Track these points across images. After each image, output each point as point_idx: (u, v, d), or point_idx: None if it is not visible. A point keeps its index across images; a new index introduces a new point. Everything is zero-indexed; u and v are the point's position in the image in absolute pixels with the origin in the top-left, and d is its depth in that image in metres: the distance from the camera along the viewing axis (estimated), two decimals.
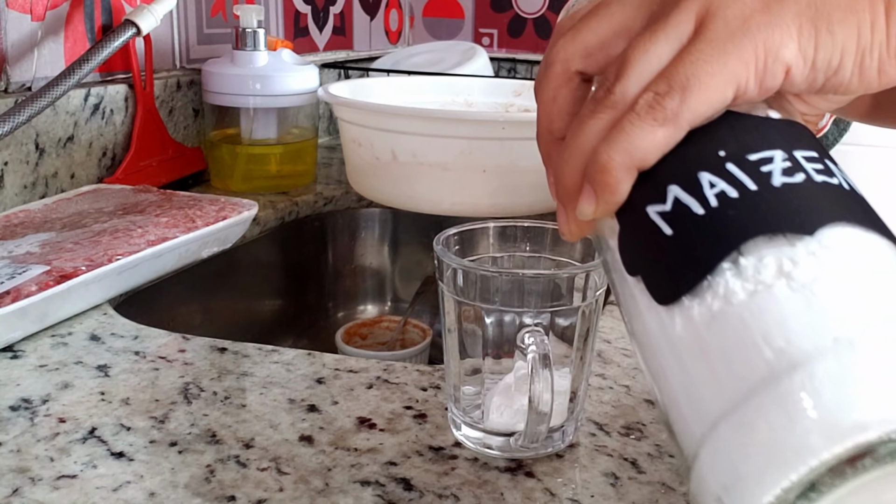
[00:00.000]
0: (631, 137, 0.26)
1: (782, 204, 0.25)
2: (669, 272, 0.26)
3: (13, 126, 0.66)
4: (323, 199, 0.96)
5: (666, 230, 0.26)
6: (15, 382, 0.48)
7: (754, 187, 0.25)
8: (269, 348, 0.53)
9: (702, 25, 0.27)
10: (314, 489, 0.38)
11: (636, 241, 0.28)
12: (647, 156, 0.27)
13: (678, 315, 0.26)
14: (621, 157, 0.27)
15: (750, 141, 0.27)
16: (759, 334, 0.23)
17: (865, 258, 0.25)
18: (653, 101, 0.26)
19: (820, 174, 0.26)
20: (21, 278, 0.52)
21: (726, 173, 0.26)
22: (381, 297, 1.03)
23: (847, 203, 0.26)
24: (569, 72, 0.30)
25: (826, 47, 0.26)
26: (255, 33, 0.89)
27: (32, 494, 0.38)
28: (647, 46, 0.27)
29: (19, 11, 0.74)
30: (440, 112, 0.79)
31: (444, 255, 0.41)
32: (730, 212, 0.25)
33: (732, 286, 0.24)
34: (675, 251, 0.26)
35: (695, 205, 0.26)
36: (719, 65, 0.26)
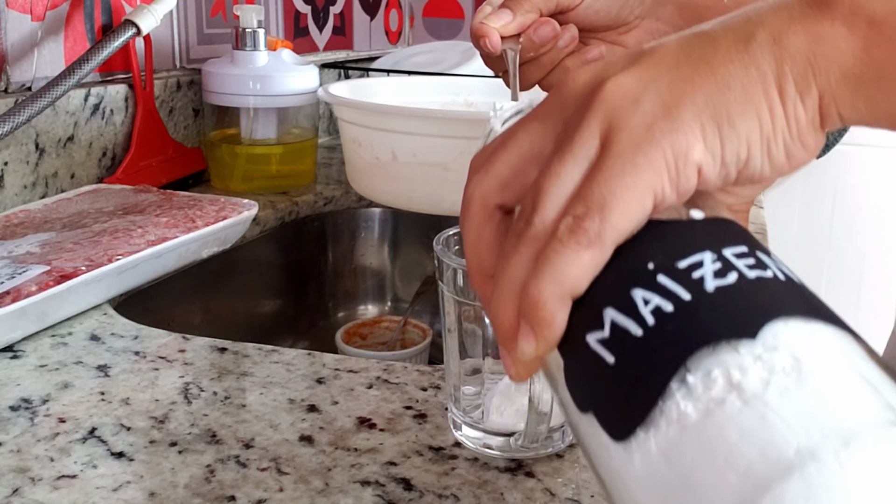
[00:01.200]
0: (557, 266, 0.26)
1: (719, 309, 0.24)
2: (618, 404, 0.25)
3: (13, 126, 0.66)
4: (323, 199, 0.96)
5: (608, 358, 0.25)
6: (15, 382, 0.48)
7: (688, 297, 0.24)
8: (269, 348, 0.53)
9: (608, 141, 0.26)
10: (314, 489, 0.38)
11: (581, 375, 0.26)
12: (578, 282, 0.26)
13: (636, 450, 0.24)
14: (551, 288, 0.26)
15: (676, 248, 0.26)
16: (720, 458, 0.22)
17: (814, 351, 0.23)
18: (573, 224, 0.26)
19: (753, 269, 0.25)
20: (21, 278, 0.52)
21: (658, 286, 0.25)
22: (381, 297, 1.03)
23: (785, 295, 0.25)
24: (488, 208, 0.29)
25: (731, 141, 0.26)
26: (255, 33, 0.89)
27: (32, 494, 0.38)
28: (557, 171, 0.27)
29: (19, 11, 0.74)
30: (440, 112, 0.79)
31: (444, 255, 0.41)
32: (668, 327, 0.24)
33: (684, 408, 0.23)
34: (620, 380, 0.25)
35: (632, 326, 0.24)
36: (632, 177, 0.25)
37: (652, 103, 0.26)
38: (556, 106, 0.28)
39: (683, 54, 0.27)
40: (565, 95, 0.28)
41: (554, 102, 0.29)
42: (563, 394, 0.28)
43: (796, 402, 0.22)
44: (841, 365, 0.23)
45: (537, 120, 0.29)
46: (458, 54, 1.23)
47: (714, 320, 0.24)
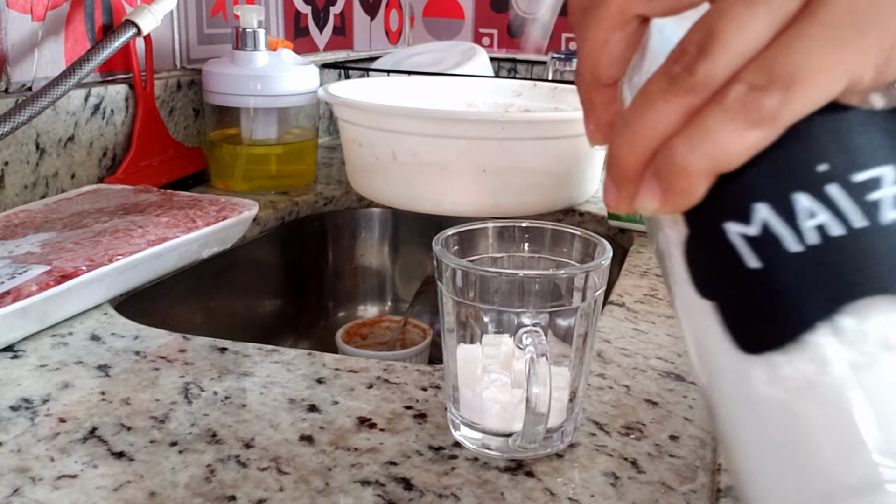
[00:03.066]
0: (716, 139, 0.22)
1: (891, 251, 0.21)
2: (756, 316, 0.22)
3: (14, 126, 0.66)
4: (323, 199, 0.96)
5: (751, 261, 0.22)
6: (15, 382, 0.48)
7: (861, 224, 0.21)
8: (270, 348, 0.53)
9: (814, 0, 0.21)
10: (314, 489, 0.39)
11: (711, 260, 0.23)
12: (734, 161, 0.22)
13: (761, 369, 0.22)
14: (702, 162, 0.22)
15: (855, 152, 0.22)
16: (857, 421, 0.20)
17: None
18: (748, 96, 0.21)
19: None
20: (21, 278, 0.52)
21: (827, 199, 0.21)
22: (382, 297, 1.03)
23: None
24: (627, 14, 0.25)
25: None
26: (255, 33, 0.89)
27: (33, 494, 0.38)
28: (741, 16, 0.22)
29: (20, 11, 0.74)
30: (440, 112, 0.79)
31: (444, 255, 0.41)
32: (833, 256, 0.21)
33: (829, 353, 0.20)
34: (763, 292, 0.22)
35: (789, 238, 0.21)
36: (835, 57, 0.21)
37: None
38: None
39: None
40: None
41: None
42: (672, 262, 0.25)
43: None
44: None
45: None
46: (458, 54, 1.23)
47: (883, 266, 0.21)
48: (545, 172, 0.80)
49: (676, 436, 0.44)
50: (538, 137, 0.79)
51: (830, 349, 0.20)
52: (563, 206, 0.85)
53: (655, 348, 0.55)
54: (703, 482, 0.40)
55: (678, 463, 0.41)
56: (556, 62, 1.25)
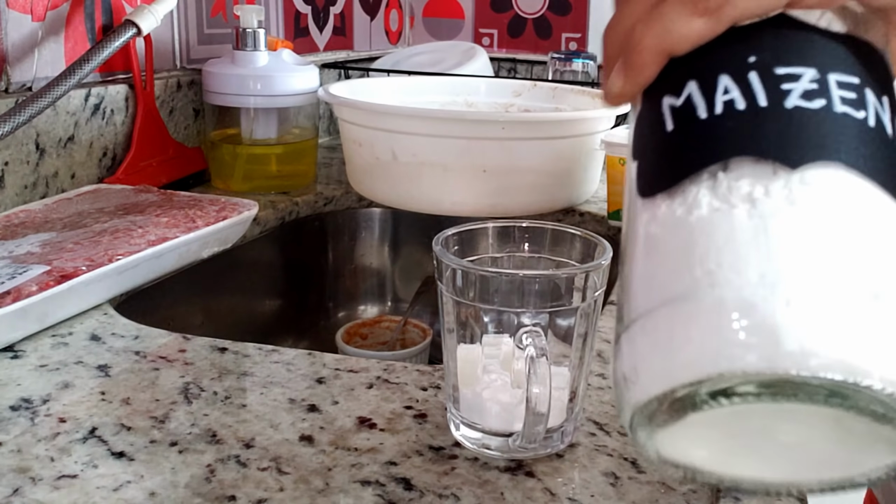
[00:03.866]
0: (666, 22, 0.25)
1: (783, 128, 0.24)
2: (655, 167, 0.26)
3: (14, 126, 0.66)
4: (323, 199, 0.96)
5: (668, 125, 0.26)
6: (15, 382, 0.48)
7: (764, 103, 0.24)
8: (270, 348, 0.53)
9: None
10: (314, 489, 0.39)
11: (643, 127, 0.28)
12: (679, 44, 0.26)
13: (649, 209, 0.26)
14: (652, 41, 0.26)
15: (785, 52, 0.25)
16: (699, 251, 0.23)
17: (844, 208, 0.23)
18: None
19: (846, 104, 0.24)
20: (21, 278, 0.52)
21: (745, 82, 0.25)
22: (382, 297, 1.03)
23: (858, 142, 0.24)
24: None
25: None
26: (255, 33, 0.89)
27: (33, 494, 0.38)
28: None
29: (20, 12, 0.74)
30: (440, 112, 0.79)
31: (444, 255, 0.41)
32: (729, 123, 0.24)
33: (700, 197, 0.24)
34: (667, 147, 0.26)
35: (701, 107, 0.25)
36: None
37: None
38: None
39: None
40: None
41: None
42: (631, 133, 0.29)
43: (792, 241, 0.23)
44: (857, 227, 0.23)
45: None
46: (458, 54, 1.23)
47: (771, 136, 0.24)
48: (545, 172, 0.80)
49: None
50: (538, 137, 0.79)
51: (700, 195, 0.24)
52: (563, 206, 0.85)
53: None
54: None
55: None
56: (556, 62, 1.25)
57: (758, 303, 0.22)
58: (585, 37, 1.50)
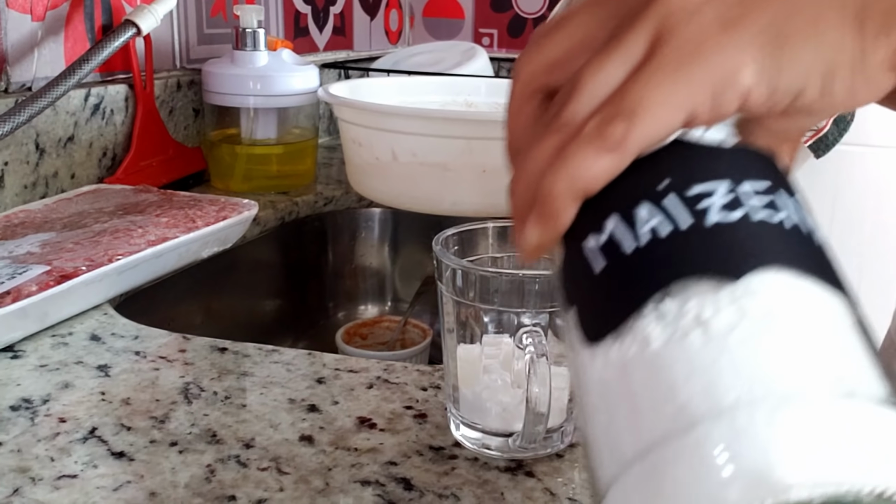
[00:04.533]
0: (575, 164, 0.25)
1: (712, 245, 0.24)
2: (595, 310, 0.25)
3: (13, 126, 0.66)
4: (323, 199, 0.96)
5: (596, 265, 0.25)
6: (15, 382, 0.48)
7: (687, 225, 0.24)
8: (270, 348, 0.53)
9: (655, 46, 0.25)
10: (314, 489, 0.39)
11: (573, 271, 0.27)
12: (591, 184, 0.25)
13: (600, 355, 0.24)
14: (564, 185, 0.25)
15: (695, 171, 0.25)
16: (665, 386, 0.22)
17: (791, 307, 0.23)
18: (599, 125, 0.25)
19: (763, 210, 0.24)
20: (21, 278, 0.52)
21: (663, 207, 0.25)
22: (382, 297, 1.03)
23: (785, 243, 0.24)
24: (531, 86, 0.29)
25: (788, 70, 0.25)
26: (255, 33, 0.89)
27: (33, 494, 0.38)
28: (598, 66, 0.26)
29: (19, 11, 0.74)
30: (440, 112, 0.79)
31: (444, 255, 0.41)
32: (658, 251, 0.24)
33: (651, 331, 0.23)
34: (602, 288, 0.25)
35: (627, 241, 0.25)
36: (669, 91, 0.25)
37: (711, 17, 0.25)
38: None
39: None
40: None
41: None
42: (559, 283, 0.28)
43: (753, 353, 0.22)
44: (813, 326, 0.23)
45: (597, 6, 0.28)
46: (458, 54, 1.23)
47: (706, 254, 0.24)
48: None
49: None
50: None
51: (650, 330, 0.23)
52: None
53: None
54: None
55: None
56: None
57: (739, 430, 0.21)
58: None
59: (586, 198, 0.26)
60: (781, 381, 0.21)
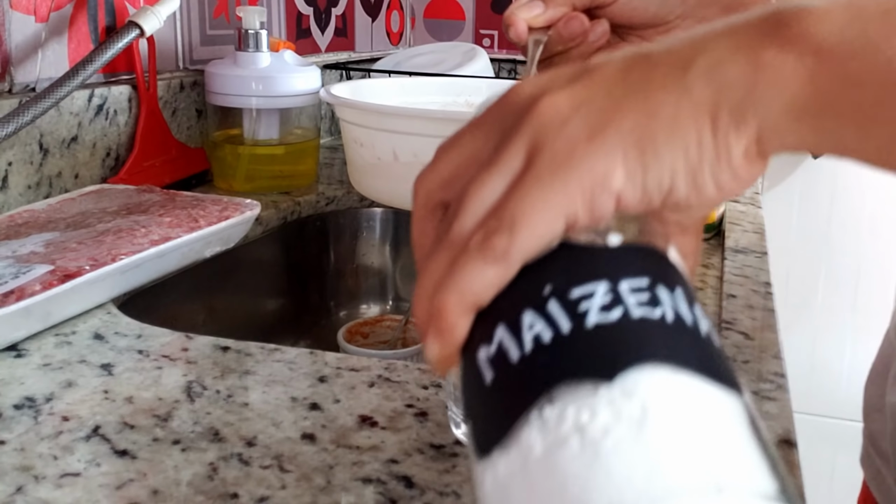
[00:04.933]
0: (463, 277, 0.26)
1: (592, 346, 0.23)
2: (485, 422, 0.25)
3: (17, 126, 0.66)
4: (325, 198, 0.96)
5: (487, 376, 0.25)
6: (19, 381, 0.48)
7: (567, 329, 0.24)
8: (272, 347, 0.53)
9: (531, 159, 0.26)
10: (316, 487, 0.39)
11: (468, 384, 0.26)
12: (480, 295, 0.26)
13: (488, 469, 0.24)
14: (454, 298, 0.26)
15: (576, 274, 0.25)
16: (545, 495, 0.22)
17: (666, 405, 0.22)
18: (483, 239, 0.26)
19: (641, 307, 0.24)
20: (25, 278, 0.52)
21: (545, 313, 0.25)
22: (383, 297, 1.04)
23: (664, 340, 0.24)
24: (430, 203, 0.30)
25: (654, 170, 0.26)
26: (257, 34, 0.90)
27: (36, 492, 0.38)
28: (481, 181, 0.27)
29: (23, 13, 0.74)
30: (441, 113, 0.79)
31: None
32: (540, 358, 0.24)
33: (533, 440, 0.23)
34: (490, 400, 0.25)
35: (512, 349, 0.24)
36: (544, 200, 0.25)
37: (579, 126, 0.26)
38: (501, 113, 0.28)
39: (620, 77, 0.27)
40: (509, 104, 0.28)
41: (500, 109, 0.29)
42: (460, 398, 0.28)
43: (626, 456, 0.21)
44: (688, 424, 0.22)
45: (484, 124, 0.29)
46: (459, 55, 1.23)
47: (584, 357, 0.23)
48: None
49: None
50: None
51: (532, 439, 0.23)
52: None
53: None
54: None
55: None
56: None
57: None
58: None
59: (478, 310, 0.26)
60: (652, 484, 0.21)
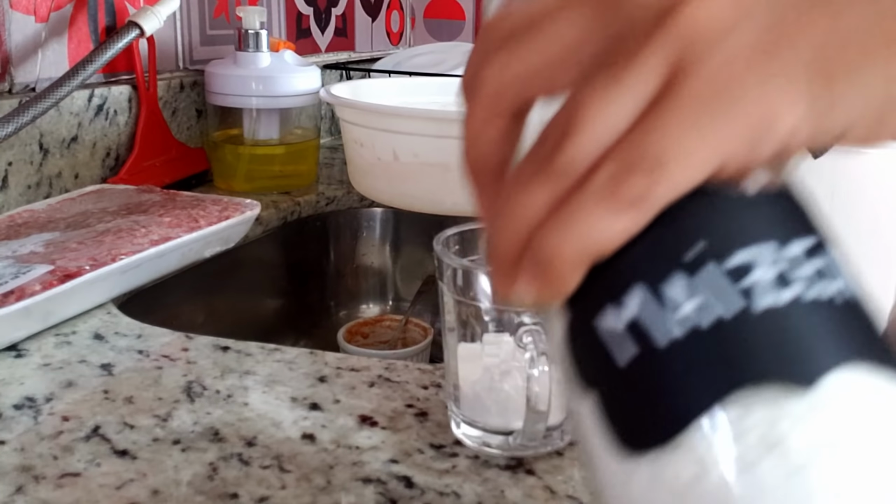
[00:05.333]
0: (585, 225, 0.20)
1: (769, 340, 0.19)
2: (631, 412, 0.21)
3: (17, 127, 0.66)
4: (325, 199, 0.96)
5: (621, 354, 0.21)
6: (19, 381, 0.48)
7: (733, 312, 0.20)
8: (272, 347, 0.53)
9: (676, 80, 0.20)
10: (316, 487, 0.39)
11: (587, 351, 0.22)
12: (605, 248, 0.21)
13: (644, 469, 0.20)
14: (572, 248, 0.21)
15: (731, 232, 0.20)
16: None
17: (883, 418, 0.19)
18: (615, 178, 0.20)
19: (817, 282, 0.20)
20: (25, 278, 0.52)
21: (696, 288, 0.20)
22: (383, 297, 1.04)
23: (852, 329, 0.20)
24: (502, 102, 0.23)
25: (841, 106, 0.20)
26: (257, 34, 0.90)
27: (36, 493, 0.38)
28: (605, 96, 0.21)
29: (23, 13, 0.74)
30: (441, 113, 0.79)
31: (445, 254, 0.41)
32: (703, 348, 0.20)
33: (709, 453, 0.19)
34: (635, 387, 0.20)
35: (659, 329, 0.20)
36: (702, 137, 0.20)
37: (744, 42, 0.20)
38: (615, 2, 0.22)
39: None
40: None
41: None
42: (560, 348, 0.23)
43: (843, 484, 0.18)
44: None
45: (584, 6, 0.22)
46: (459, 55, 1.23)
47: (763, 354, 0.19)
48: None
49: None
50: None
51: (710, 449, 0.19)
52: None
53: None
54: None
55: None
56: None
57: None
58: None
59: (597, 261, 0.21)
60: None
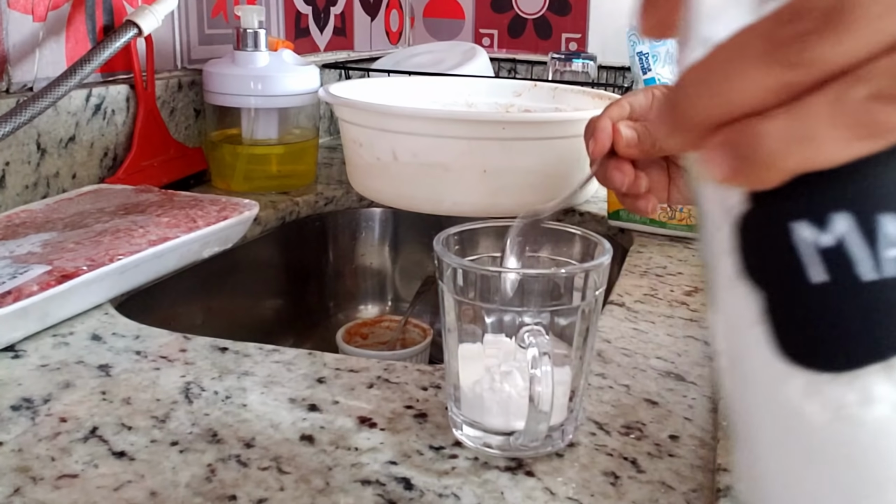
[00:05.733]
0: (817, 143, 0.18)
1: None
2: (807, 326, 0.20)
3: (15, 126, 0.66)
4: (324, 199, 0.96)
5: (814, 271, 0.20)
6: (16, 382, 0.48)
7: None
8: (270, 348, 0.53)
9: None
10: (315, 488, 0.39)
11: (768, 249, 0.21)
12: (829, 165, 0.19)
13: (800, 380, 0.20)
14: (792, 162, 0.19)
15: None
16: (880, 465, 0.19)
17: None
18: (869, 104, 0.17)
19: None
20: (22, 278, 0.52)
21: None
22: (382, 297, 1.03)
23: None
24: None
25: None
26: (256, 34, 0.90)
27: (34, 494, 0.38)
28: None
29: (21, 12, 0.74)
30: (441, 112, 0.79)
31: (444, 254, 0.41)
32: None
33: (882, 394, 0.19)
34: (820, 306, 0.20)
35: (864, 262, 0.19)
36: None
37: None
38: None
39: None
40: None
41: None
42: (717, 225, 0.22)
43: None
44: None
45: None
46: (458, 55, 1.23)
47: None
48: (545, 172, 0.80)
49: (676, 435, 0.44)
50: (538, 137, 0.79)
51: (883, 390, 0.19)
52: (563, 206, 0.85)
53: (655, 348, 0.55)
54: (703, 482, 0.40)
55: (678, 463, 0.42)
56: (555, 62, 1.25)
57: None
58: (585, 37, 1.50)
59: None
60: None
